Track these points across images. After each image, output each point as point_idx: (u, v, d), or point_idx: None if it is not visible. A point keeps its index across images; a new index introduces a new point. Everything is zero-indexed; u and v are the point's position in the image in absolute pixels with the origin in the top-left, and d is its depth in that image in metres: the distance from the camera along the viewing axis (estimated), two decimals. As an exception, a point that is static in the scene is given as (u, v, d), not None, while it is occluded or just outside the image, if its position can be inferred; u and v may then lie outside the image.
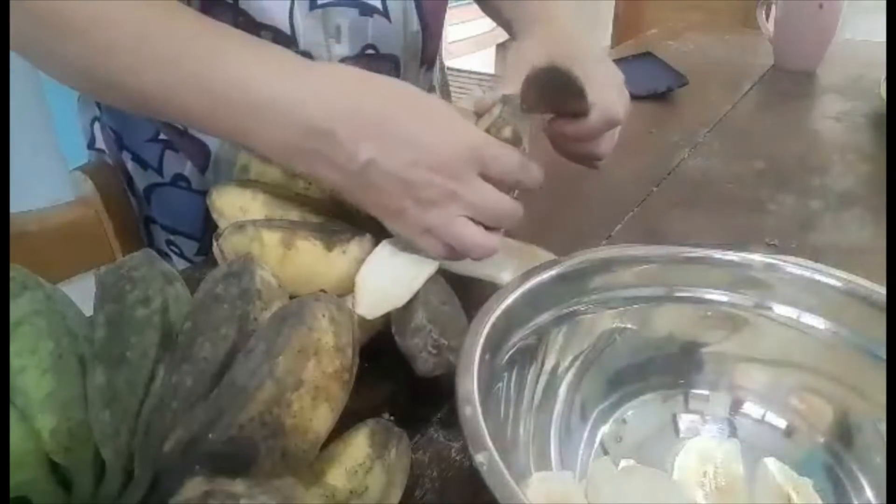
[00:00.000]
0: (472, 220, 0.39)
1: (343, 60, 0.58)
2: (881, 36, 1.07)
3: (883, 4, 1.20)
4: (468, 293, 0.41)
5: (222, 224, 0.43)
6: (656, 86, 0.95)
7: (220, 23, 0.41)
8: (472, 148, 0.39)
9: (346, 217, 0.44)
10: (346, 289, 0.40)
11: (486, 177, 0.39)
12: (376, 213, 0.40)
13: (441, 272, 0.42)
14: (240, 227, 0.40)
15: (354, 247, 0.41)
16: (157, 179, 0.63)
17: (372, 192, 0.39)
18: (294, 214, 0.43)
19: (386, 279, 0.40)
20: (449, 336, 0.37)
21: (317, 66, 0.40)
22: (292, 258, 0.39)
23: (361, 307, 0.38)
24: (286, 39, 0.54)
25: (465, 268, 0.43)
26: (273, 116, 0.37)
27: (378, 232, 0.42)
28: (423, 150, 0.38)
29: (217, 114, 0.38)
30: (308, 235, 0.40)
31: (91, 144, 0.67)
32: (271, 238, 0.39)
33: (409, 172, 0.38)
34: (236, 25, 0.52)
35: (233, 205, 0.44)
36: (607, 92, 0.48)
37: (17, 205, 0.53)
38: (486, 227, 0.40)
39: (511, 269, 0.43)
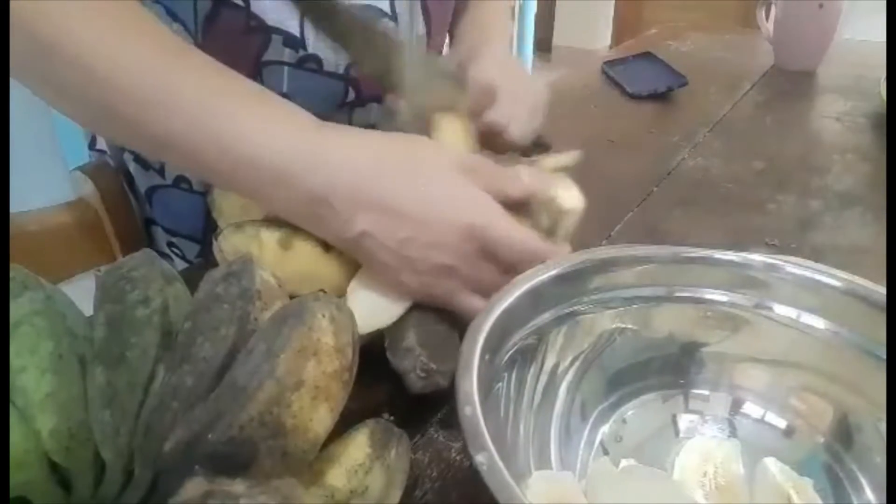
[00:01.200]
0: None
1: (353, 64, 0.58)
2: (881, 36, 1.07)
3: (883, 4, 1.20)
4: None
5: (222, 223, 0.43)
6: (656, 86, 0.95)
7: (233, 72, 0.40)
8: (472, 227, 0.38)
9: None
10: (345, 290, 0.40)
11: (489, 256, 0.39)
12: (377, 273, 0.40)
13: None
14: (238, 226, 0.40)
15: None
16: (159, 181, 0.63)
17: (370, 258, 0.39)
18: None
19: (376, 295, 0.40)
20: (438, 360, 0.37)
21: (328, 133, 0.40)
22: (290, 259, 0.39)
23: None
24: (295, 43, 0.55)
25: None
26: (284, 181, 0.38)
27: None
28: (419, 227, 0.38)
29: (237, 175, 0.38)
30: (307, 236, 0.40)
31: (92, 145, 0.67)
32: (270, 238, 0.39)
33: (404, 248, 0.38)
34: (247, 29, 0.52)
35: (233, 204, 0.44)
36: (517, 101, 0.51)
37: (17, 205, 0.53)
38: None
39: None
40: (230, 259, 0.39)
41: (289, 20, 0.54)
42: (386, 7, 0.58)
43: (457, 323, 0.40)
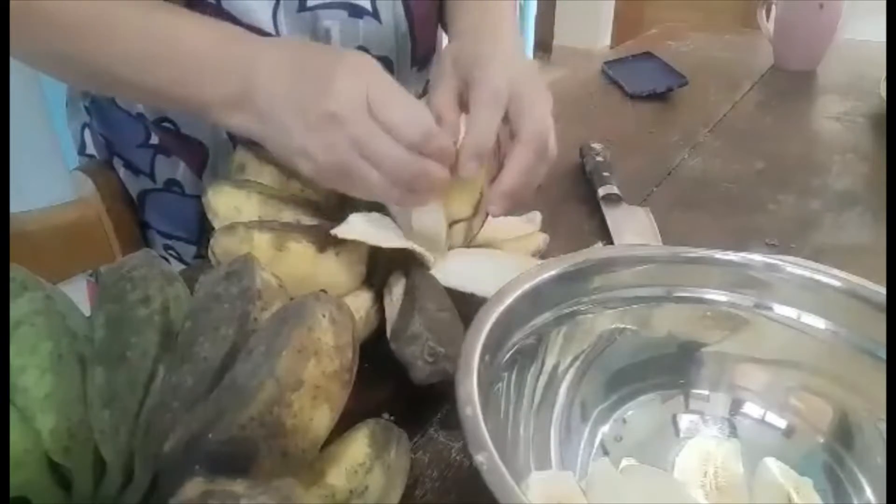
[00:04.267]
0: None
1: None
2: (881, 36, 1.07)
3: (883, 4, 1.20)
4: (465, 297, 0.41)
5: (217, 224, 0.43)
6: (656, 86, 0.95)
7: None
8: (361, 76, 0.39)
9: (341, 220, 0.44)
10: (340, 290, 0.40)
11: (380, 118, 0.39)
12: (296, 163, 0.41)
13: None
14: (230, 228, 0.39)
15: (347, 249, 0.41)
16: (150, 185, 0.63)
17: (274, 126, 0.41)
18: (288, 215, 0.42)
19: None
20: (446, 344, 0.37)
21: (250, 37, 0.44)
22: (283, 260, 0.39)
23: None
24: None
25: (453, 280, 0.43)
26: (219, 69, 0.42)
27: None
28: (313, 79, 0.39)
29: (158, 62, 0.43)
30: (300, 237, 0.39)
31: (82, 150, 0.67)
32: (262, 239, 0.39)
33: (298, 98, 0.39)
34: None
35: (227, 205, 0.43)
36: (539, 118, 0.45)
37: (17, 205, 0.53)
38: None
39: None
40: (223, 261, 0.39)
41: (261, 16, 0.53)
42: (368, 6, 0.57)
43: (460, 312, 0.40)
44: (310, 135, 0.39)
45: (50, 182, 1.28)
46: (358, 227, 0.41)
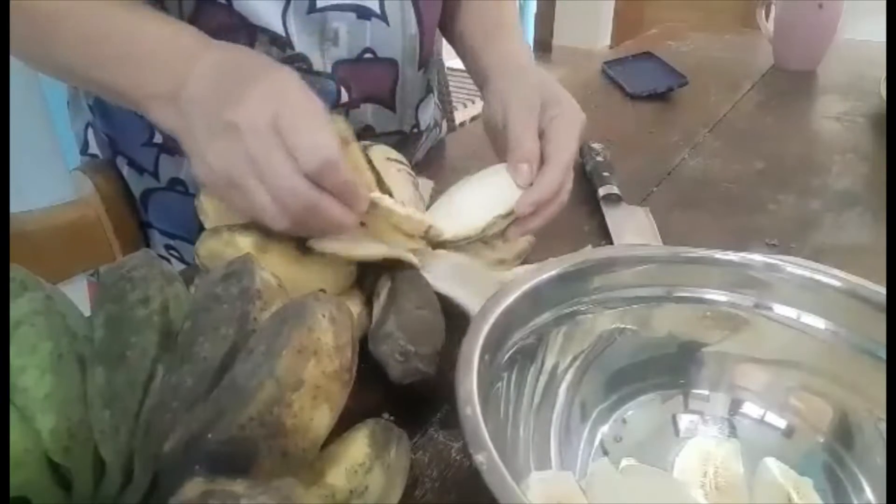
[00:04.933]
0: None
1: (340, 64, 0.58)
2: (881, 36, 1.07)
3: (883, 4, 1.20)
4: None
5: (209, 225, 0.43)
6: (656, 86, 0.95)
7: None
8: (279, 100, 0.38)
9: None
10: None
11: (281, 138, 0.37)
12: (195, 168, 0.41)
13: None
14: (215, 231, 0.39)
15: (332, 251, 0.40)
16: (154, 184, 0.63)
17: (185, 128, 0.41)
18: None
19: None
20: (419, 343, 0.36)
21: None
22: (266, 263, 0.38)
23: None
24: (281, 42, 0.54)
25: (441, 285, 0.42)
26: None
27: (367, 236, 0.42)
28: (226, 90, 0.39)
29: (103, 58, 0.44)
30: (282, 240, 0.39)
31: (84, 150, 0.67)
32: (245, 242, 0.38)
33: (212, 97, 0.39)
34: (230, 27, 0.52)
35: (218, 207, 0.43)
36: (566, 143, 0.48)
37: (17, 205, 0.53)
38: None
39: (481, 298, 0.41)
40: (208, 263, 0.39)
41: (271, 17, 0.53)
42: (376, 8, 0.57)
43: (443, 311, 0.40)
44: (211, 140, 0.38)
45: (50, 182, 1.28)
46: (332, 239, 0.40)
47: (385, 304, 0.40)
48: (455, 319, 0.38)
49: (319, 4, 0.55)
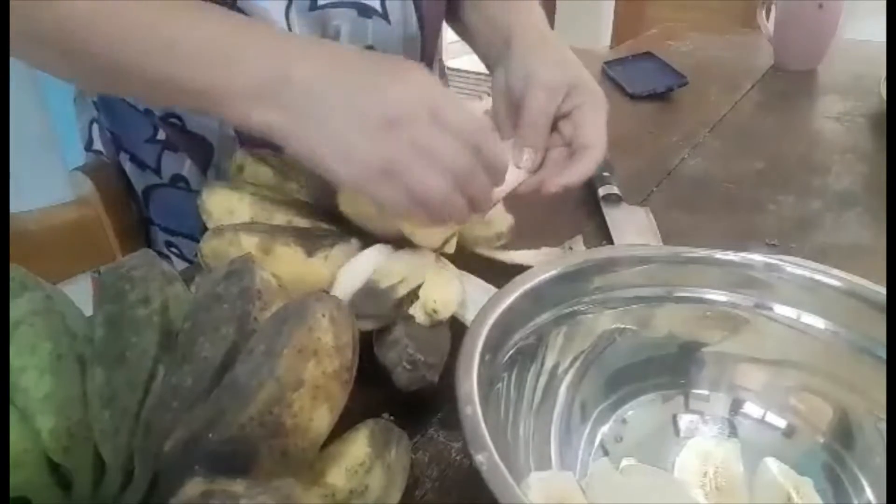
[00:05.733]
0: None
1: None
2: (881, 36, 1.06)
3: (883, 4, 1.20)
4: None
5: (210, 225, 0.43)
6: (656, 86, 0.95)
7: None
8: (424, 88, 0.38)
9: (335, 222, 0.43)
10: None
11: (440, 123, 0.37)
12: (331, 165, 0.38)
13: None
14: (218, 230, 0.39)
15: (337, 252, 0.40)
16: (156, 180, 0.63)
17: (320, 126, 0.37)
18: (280, 217, 0.42)
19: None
20: (426, 352, 0.36)
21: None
22: (270, 263, 0.38)
23: None
24: None
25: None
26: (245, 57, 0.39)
27: (366, 237, 0.42)
28: (370, 80, 0.37)
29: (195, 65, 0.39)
30: (288, 240, 0.39)
31: (89, 146, 0.67)
32: (249, 242, 0.38)
33: (355, 99, 0.37)
34: None
35: (221, 206, 0.43)
36: (597, 132, 0.48)
37: (17, 205, 0.53)
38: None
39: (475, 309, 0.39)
40: (212, 263, 0.39)
41: (274, 15, 0.53)
42: (377, 6, 0.57)
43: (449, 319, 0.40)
44: (360, 136, 0.37)
45: (50, 182, 1.28)
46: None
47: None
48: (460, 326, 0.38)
49: (321, 2, 0.55)
